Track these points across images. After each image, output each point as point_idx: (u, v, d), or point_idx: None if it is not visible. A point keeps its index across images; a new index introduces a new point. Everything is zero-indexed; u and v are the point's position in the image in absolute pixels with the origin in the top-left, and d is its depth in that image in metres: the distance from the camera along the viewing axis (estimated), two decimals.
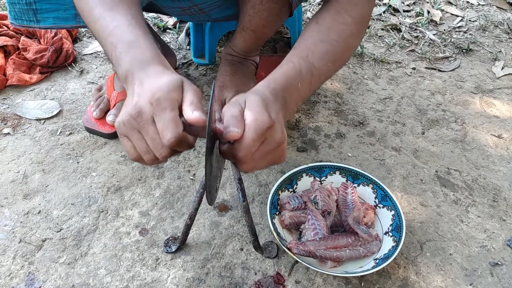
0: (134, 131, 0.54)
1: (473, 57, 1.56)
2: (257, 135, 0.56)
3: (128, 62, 0.58)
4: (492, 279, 0.86)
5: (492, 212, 1.00)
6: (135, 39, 0.60)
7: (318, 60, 0.70)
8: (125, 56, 0.59)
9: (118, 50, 0.60)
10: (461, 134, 1.21)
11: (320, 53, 0.71)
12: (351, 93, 1.34)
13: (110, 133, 1.10)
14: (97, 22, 0.64)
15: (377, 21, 1.73)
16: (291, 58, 0.70)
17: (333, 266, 0.83)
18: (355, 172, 0.97)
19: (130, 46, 0.59)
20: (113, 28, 0.61)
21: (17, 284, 0.81)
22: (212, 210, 0.96)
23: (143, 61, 0.58)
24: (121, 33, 0.61)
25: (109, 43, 0.61)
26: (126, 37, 0.60)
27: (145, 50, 0.59)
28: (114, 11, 0.63)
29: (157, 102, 0.52)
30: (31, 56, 1.30)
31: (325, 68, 0.72)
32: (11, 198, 0.96)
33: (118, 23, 0.62)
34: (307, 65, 0.69)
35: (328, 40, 0.72)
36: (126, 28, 0.61)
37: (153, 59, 0.59)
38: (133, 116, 0.53)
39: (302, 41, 0.74)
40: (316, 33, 0.73)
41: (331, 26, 0.74)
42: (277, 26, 1.05)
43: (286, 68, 0.68)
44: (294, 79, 0.67)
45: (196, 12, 1.00)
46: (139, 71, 0.57)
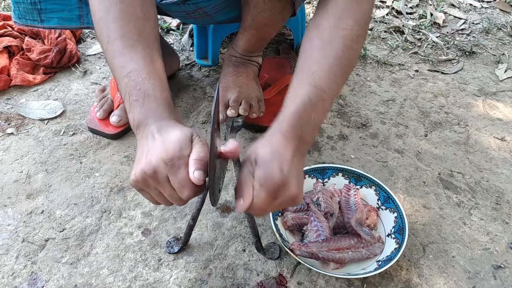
0: (151, 188, 0.58)
1: (476, 59, 1.55)
2: (268, 195, 0.57)
3: (142, 114, 0.60)
4: (495, 282, 0.86)
5: (495, 214, 0.99)
6: (151, 90, 0.60)
7: (326, 81, 0.66)
8: (139, 106, 0.60)
9: (133, 97, 0.60)
10: (464, 136, 1.21)
11: (326, 73, 0.67)
12: (354, 95, 1.34)
13: (113, 134, 1.11)
14: (115, 57, 0.64)
15: (380, 23, 1.73)
16: (299, 91, 0.66)
17: (336, 267, 0.83)
18: (358, 174, 0.97)
19: (145, 97, 0.60)
20: (131, 71, 0.61)
21: (20, 284, 0.81)
22: (214, 211, 0.96)
23: (156, 116, 0.59)
24: (139, 80, 0.61)
25: (125, 84, 0.62)
26: (142, 86, 0.60)
27: (160, 104, 0.60)
28: (134, 50, 0.63)
29: (171, 162, 0.54)
30: (35, 57, 1.30)
31: (335, 87, 0.69)
32: (14, 198, 0.96)
33: (137, 66, 0.62)
34: (316, 92, 0.65)
35: (331, 54, 0.68)
36: (145, 74, 0.61)
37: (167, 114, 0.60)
38: (148, 175, 0.56)
39: (305, 60, 0.70)
40: (318, 51, 0.69)
41: (332, 35, 0.69)
42: (280, 25, 1.06)
43: (296, 104, 0.64)
44: (306, 113, 0.64)
45: (200, 15, 1.01)
46: (152, 124, 0.59)
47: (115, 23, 0.64)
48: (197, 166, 0.55)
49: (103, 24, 0.65)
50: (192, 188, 0.56)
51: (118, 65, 0.63)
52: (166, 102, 0.62)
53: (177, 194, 0.57)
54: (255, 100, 1.09)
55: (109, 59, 0.65)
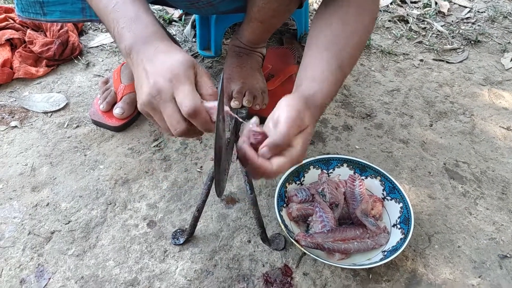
0: (156, 110, 0.56)
1: (481, 48, 1.54)
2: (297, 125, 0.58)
3: (131, 37, 0.59)
4: (501, 272, 0.86)
5: (500, 204, 0.99)
6: (136, 15, 0.61)
7: (347, 67, 0.72)
8: (127, 31, 0.60)
9: (120, 25, 0.60)
10: (469, 126, 1.20)
11: (348, 59, 0.72)
12: (358, 85, 1.33)
13: (117, 126, 1.10)
14: (100, 1, 0.64)
15: (384, 12, 1.72)
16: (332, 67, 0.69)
17: (341, 258, 0.83)
18: (363, 165, 0.97)
19: (132, 21, 0.60)
20: (115, 4, 0.62)
21: (27, 276, 0.81)
22: (219, 203, 0.96)
23: (146, 37, 0.59)
24: (124, 9, 0.61)
25: (112, 19, 0.62)
26: (128, 12, 0.61)
27: (148, 25, 0.60)
28: None
29: (176, 78, 0.54)
30: (38, 49, 1.30)
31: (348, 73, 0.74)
32: (19, 191, 0.97)
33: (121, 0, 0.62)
34: (342, 74, 0.71)
35: (353, 45, 0.73)
36: (129, 3, 0.62)
37: (156, 34, 0.59)
38: (153, 95, 0.54)
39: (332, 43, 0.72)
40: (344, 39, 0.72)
41: (356, 29, 0.73)
42: (286, 17, 1.05)
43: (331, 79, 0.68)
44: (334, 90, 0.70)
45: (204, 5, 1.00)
46: (144, 47, 0.58)
47: None
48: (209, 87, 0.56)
49: None
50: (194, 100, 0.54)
51: (103, 6, 0.63)
52: (154, 22, 0.61)
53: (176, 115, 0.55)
54: (259, 91, 1.09)
55: (95, 7, 0.66)
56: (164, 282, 0.81)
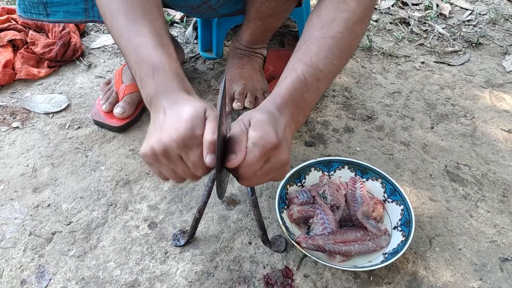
0: (162, 164, 0.56)
1: (482, 51, 1.54)
2: (261, 154, 0.55)
3: (152, 87, 0.58)
4: (502, 275, 0.86)
5: (502, 207, 0.99)
6: (159, 63, 0.59)
7: (322, 61, 0.65)
8: (149, 80, 0.59)
9: (143, 71, 0.59)
10: (470, 128, 1.20)
11: (324, 52, 0.66)
12: (360, 87, 1.33)
13: (118, 126, 1.11)
14: (121, 36, 0.63)
15: (385, 14, 1.72)
16: (294, 66, 0.65)
17: (342, 260, 0.83)
18: (364, 167, 0.97)
19: (154, 70, 0.59)
20: (137, 46, 0.60)
21: (27, 277, 0.82)
22: (220, 204, 0.96)
23: (167, 89, 0.58)
24: (146, 53, 0.60)
25: (133, 61, 0.61)
26: (150, 59, 0.59)
27: (170, 77, 0.59)
28: (139, 25, 0.62)
29: (183, 143, 0.53)
30: (39, 50, 1.30)
31: (332, 67, 0.67)
32: (20, 192, 0.97)
33: (143, 40, 0.61)
34: (311, 71, 0.64)
35: (331, 35, 0.66)
36: (151, 48, 0.60)
37: (178, 86, 0.59)
38: (158, 152, 0.54)
39: (303, 41, 0.68)
40: (318, 30, 0.67)
41: (334, 17, 0.67)
42: (285, 16, 1.05)
43: (290, 80, 0.64)
44: (300, 90, 0.64)
45: (205, 9, 1.00)
46: (163, 99, 0.57)
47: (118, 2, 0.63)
48: (211, 149, 0.53)
49: (106, 3, 0.64)
50: (205, 168, 0.55)
51: (125, 42, 0.62)
52: (176, 73, 0.60)
53: (189, 170, 0.56)
54: (260, 92, 1.09)
55: (115, 37, 0.64)
56: (164, 283, 0.81)
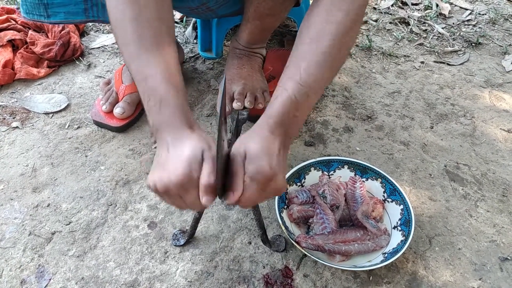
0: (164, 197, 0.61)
1: (482, 50, 1.54)
2: (258, 189, 0.59)
3: (158, 120, 0.61)
4: (502, 274, 0.86)
5: (501, 207, 0.99)
6: (165, 97, 0.61)
7: (313, 77, 0.66)
8: (155, 113, 0.61)
9: (150, 103, 0.62)
10: (470, 128, 1.20)
11: (314, 69, 0.66)
12: (359, 87, 1.33)
13: (118, 126, 1.11)
14: (132, 61, 0.64)
15: (385, 14, 1.72)
16: (285, 86, 0.66)
17: (342, 260, 0.83)
18: (364, 166, 0.97)
19: (161, 103, 0.61)
20: (147, 76, 0.62)
21: (27, 276, 0.82)
22: (220, 204, 0.96)
23: (171, 124, 0.61)
24: (154, 85, 0.62)
25: (142, 89, 0.63)
26: (158, 92, 0.61)
27: (175, 112, 0.61)
28: (150, 54, 0.63)
29: (181, 185, 0.57)
30: (39, 50, 1.30)
31: (322, 81, 0.68)
32: (20, 191, 0.97)
33: (152, 71, 0.62)
34: (302, 90, 0.65)
35: (320, 48, 0.66)
36: (160, 81, 0.62)
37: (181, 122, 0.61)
38: (160, 190, 0.58)
39: (294, 56, 0.69)
40: (307, 45, 0.68)
41: (320, 29, 0.67)
42: (283, 16, 1.05)
43: (281, 100, 0.65)
44: (291, 110, 0.65)
45: (203, 11, 1.00)
46: (167, 134, 0.60)
47: (131, 25, 0.63)
48: (206, 191, 0.57)
49: (118, 25, 0.65)
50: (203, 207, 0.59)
51: (135, 69, 0.64)
52: (181, 109, 0.62)
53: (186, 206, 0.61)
54: (260, 92, 1.09)
55: (126, 62, 0.67)
56: (164, 283, 0.81)
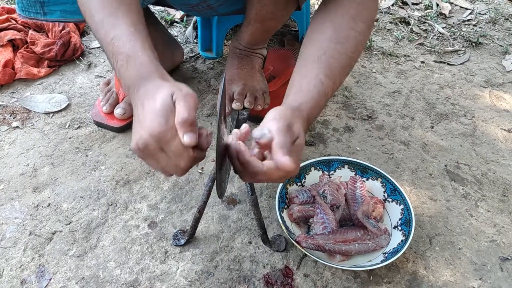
0: (147, 157, 0.57)
1: (482, 50, 1.54)
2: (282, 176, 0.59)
3: (128, 77, 0.60)
4: (502, 274, 0.86)
5: (502, 206, 0.99)
6: (132, 53, 0.61)
7: (338, 76, 0.71)
8: (125, 71, 0.60)
9: (119, 63, 0.61)
10: (470, 128, 1.20)
11: (339, 68, 0.72)
12: (359, 86, 1.33)
13: (118, 127, 1.11)
14: (98, 29, 0.64)
15: (385, 14, 1.72)
16: (320, 76, 0.69)
17: (342, 260, 0.83)
18: (364, 166, 0.97)
19: (129, 60, 0.60)
20: (113, 38, 0.62)
21: (28, 276, 0.82)
22: (220, 204, 0.96)
23: (140, 77, 0.59)
24: (121, 44, 0.61)
25: (111, 54, 0.62)
26: (125, 49, 0.61)
27: (142, 63, 0.60)
28: (114, 17, 0.63)
29: (159, 137, 0.54)
30: (39, 50, 1.30)
31: (340, 83, 0.74)
32: (20, 191, 0.97)
33: (118, 32, 0.62)
34: (331, 85, 0.70)
35: (346, 52, 0.72)
36: (126, 38, 0.62)
37: (150, 73, 0.60)
38: (141, 148, 0.55)
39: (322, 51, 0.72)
40: (335, 44, 0.72)
41: (348, 35, 0.72)
42: (284, 19, 1.05)
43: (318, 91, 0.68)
44: (323, 102, 0.70)
45: (204, 8, 1.00)
46: (139, 87, 0.58)
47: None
48: (184, 129, 0.54)
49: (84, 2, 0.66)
50: (188, 156, 0.55)
51: (102, 36, 0.64)
52: (149, 61, 0.61)
53: (172, 163, 0.56)
54: (260, 92, 1.09)
55: (94, 32, 0.66)
56: (164, 283, 0.81)
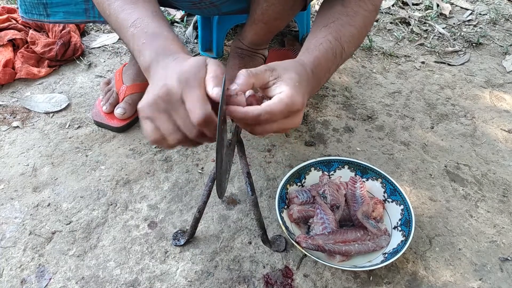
0: (161, 112, 0.54)
1: (483, 51, 1.54)
2: (286, 111, 0.57)
3: (154, 51, 0.59)
4: (502, 275, 0.86)
5: (501, 207, 0.99)
6: (159, 31, 0.61)
7: (347, 43, 0.72)
8: (149, 46, 0.59)
9: (142, 40, 0.60)
10: (470, 128, 1.20)
11: (348, 37, 0.72)
12: (360, 87, 1.33)
13: (119, 127, 1.11)
14: (118, 15, 0.64)
15: (386, 14, 1.72)
16: (329, 37, 0.70)
17: (342, 260, 0.83)
18: (364, 167, 0.97)
19: (154, 37, 0.60)
20: (136, 20, 0.62)
21: (27, 276, 0.82)
22: (220, 204, 0.96)
23: (168, 52, 0.58)
24: (145, 24, 0.61)
25: (130, 34, 0.62)
26: (150, 28, 0.61)
27: (168, 40, 0.60)
28: (136, 4, 0.64)
29: (186, 81, 0.52)
30: (40, 50, 1.30)
31: (349, 52, 0.75)
32: (21, 191, 0.97)
33: (141, 15, 0.63)
34: (339, 48, 0.70)
35: (355, 25, 0.73)
36: (150, 19, 0.62)
37: (178, 49, 0.59)
38: (161, 96, 0.53)
39: (331, 19, 0.73)
40: (345, 16, 0.73)
41: (357, 11, 0.74)
42: (290, 19, 1.05)
43: (326, 48, 0.69)
44: (331, 62, 0.69)
45: (206, 6, 1.00)
46: (163, 58, 0.57)
47: None
48: (215, 82, 0.53)
49: None
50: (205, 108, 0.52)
51: (121, 20, 0.63)
52: (176, 39, 0.61)
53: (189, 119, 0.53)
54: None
55: (113, 19, 0.66)
56: (164, 283, 0.81)
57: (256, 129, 0.59)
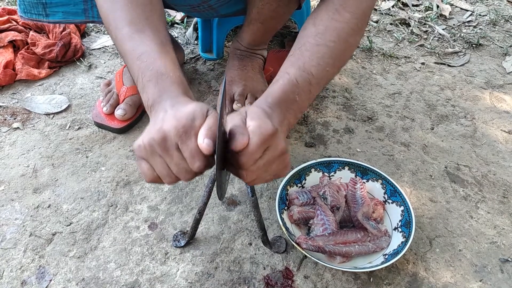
0: (156, 156, 0.54)
1: (483, 52, 1.54)
2: (261, 141, 0.54)
3: (156, 92, 0.58)
4: (502, 276, 0.86)
5: (502, 208, 0.99)
6: (164, 70, 0.60)
7: (315, 67, 0.67)
8: (153, 86, 0.59)
9: (146, 78, 0.59)
10: (470, 129, 1.20)
11: (316, 59, 0.67)
12: (360, 88, 1.33)
13: (119, 128, 1.11)
14: (125, 43, 0.63)
15: (385, 15, 1.72)
16: (287, 70, 0.67)
17: (342, 261, 0.83)
18: (364, 168, 0.97)
19: (159, 76, 0.59)
20: (142, 53, 0.61)
21: (28, 277, 0.82)
22: (220, 205, 0.96)
23: (170, 93, 0.58)
24: (151, 61, 0.60)
25: (137, 67, 0.61)
26: (155, 66, 0.60)
27: (174, 82, 0.59)
28: (144, 34, 0.63)
29: (183, 129, 0.52)
30: (40, 51, 1.30)
31: (324, 74, 0.69)
32: (21, 192, 0.97)
33: (148, 48, 0.61)
34: (303, 75, 0.66)
35: (324, 43, 0.68)
36: (157, 55, 0.61)
37: (181, 92, 0.59)
38: (157, 141, 0.53)
39: (297, 47, 0.70)
40: (313, 37, 0.69)
41: (328, 25, 0.69)
42: (286, 18, 1.05)
43: (282, 82, 0.65)
44: (292, 92, 0.65)
45: (205, 9, 1.00)
46: (166, 100, 0.57)
47: (122, 11, 0.64)
48: (207, 134, 0.52)
49: (110, 13, 0.65)
50: (202, 158, 0.53)
51: (128, 49, 0.63)
52: (180, 80, 0.60)
53: (185, 164, 0.54)
54: (260, 93, 1.09)
55: (119, 45, 0.65)
56: (165, 284, 0.81)
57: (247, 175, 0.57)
